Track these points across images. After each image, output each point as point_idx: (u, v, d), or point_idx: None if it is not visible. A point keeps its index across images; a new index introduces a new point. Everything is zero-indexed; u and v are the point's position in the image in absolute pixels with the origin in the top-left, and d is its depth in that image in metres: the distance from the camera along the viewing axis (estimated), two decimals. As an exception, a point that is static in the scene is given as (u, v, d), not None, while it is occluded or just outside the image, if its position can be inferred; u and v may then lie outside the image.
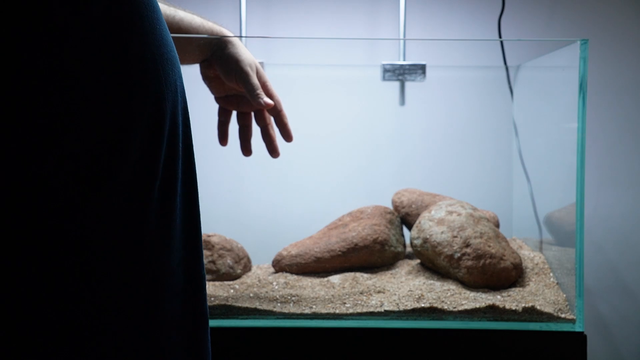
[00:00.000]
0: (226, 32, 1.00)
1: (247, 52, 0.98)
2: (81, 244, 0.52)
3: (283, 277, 1.15)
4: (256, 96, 0.96)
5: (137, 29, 0.54)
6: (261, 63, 1.08)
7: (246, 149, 1.03)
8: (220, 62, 0.97)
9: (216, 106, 1.05)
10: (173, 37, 0.90)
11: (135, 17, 0.54)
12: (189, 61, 1.00)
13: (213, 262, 1.16)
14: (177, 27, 0.94)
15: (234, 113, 1.05)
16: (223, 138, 1.05)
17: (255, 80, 0.96)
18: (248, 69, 0.96)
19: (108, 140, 0.52)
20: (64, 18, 0.49)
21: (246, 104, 1.02)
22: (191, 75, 1.22)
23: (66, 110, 0.50)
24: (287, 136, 1.02)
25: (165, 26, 0.59)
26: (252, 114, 1.03)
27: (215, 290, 1.10)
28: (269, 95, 1.00)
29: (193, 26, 0.96)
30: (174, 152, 0.58)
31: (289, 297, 1.06)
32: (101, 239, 0.53)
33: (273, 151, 1.02)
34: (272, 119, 1.02)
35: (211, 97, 1.05)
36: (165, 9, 0.92)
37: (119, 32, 0.52)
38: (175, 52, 0.60)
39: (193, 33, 0.96)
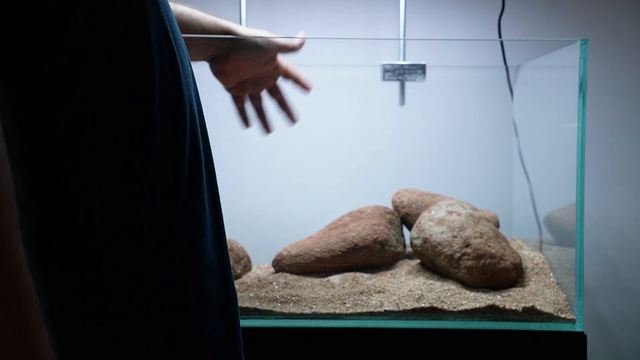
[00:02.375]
0: (226, 23, 1.00)
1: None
2: (119, 229, 0.53)
3: (283, 277, 1.15)
4: (293, 45, 1.05)
5: (155, 13, 0.55)
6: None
7: (266, 128, 1.13)
8: (241, 48, 1.00)
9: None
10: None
11: (152, 3, 0.55)
12: (192, 58, 1.01)
13: (213, 262, 1.17)
14: (177, 19, 0.94)
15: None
16: (246, 122, 1.14)
17: (279, 39, 1.04)
18: (266, 35, 1.04)
19: (135, 128, 0.53)
20: (84, 18, 0.50)
21: (261, 83, 1.09)
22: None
23: (94, 103, 0.51)
24: (305, 86, 1.11)
25: (173, 14, 0.60)
26: (263, 94, 1.11)
27: (215, 290, 1.10)
28: (279, 66, 1.08)
29: (193, 19, 0.96)
30: (195, 137, 0.59)
31: (289, 297, 1.06)
32: (138, 221, 0.54)
33: (292, 119, 1.13)
34: (282, 96, 1.11)
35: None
36: None
37: (138, 15, 0.53)
38: (183, 40, 0.61)
39: (194, 26, 0.97)
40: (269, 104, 1.13)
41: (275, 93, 1.11)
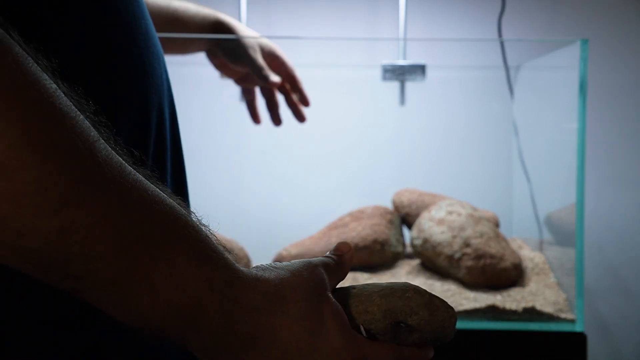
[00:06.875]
0: (222, 16, 1.00)
1: (248, 33, 1.01)
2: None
3: (283, 277, 1.15)
4: (263, 77, 1.00)
5: (121, 22, 0.54)
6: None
7: (276, 120, 1.07)
8: (223, 50, 0.99)
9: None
10: (171, 34, 0.90)
11: (119, 11, 0.54)
12: (188, 51, 1.01)
13: (213, 262, 1.16)
14: (172, 16, 0.94)
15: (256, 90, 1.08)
16: (255, 117, 1.08)
17: (259, 62, 1.00)
18: (251, 52, 0.99)
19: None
20: (47, 11, 0.49)
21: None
22: (189, 79, 1.22)
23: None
24: (304, 101, 1.06)
25: (149, 20, 0.58)
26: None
27: (215, 290, 1.10)
28: (279, 66, 1.03)
29: (188, 15, 0.96)
30: (162, 144, 0.58)
31: (289, 297, 1.06)
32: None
33: (299, 116, 1.07)
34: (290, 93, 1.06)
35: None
36: None
37: (104, 25, 0.52)
38: (160, 45, 0.60)
39: (189, 21, 0.97)
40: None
41: (281, 89, 1.06)
